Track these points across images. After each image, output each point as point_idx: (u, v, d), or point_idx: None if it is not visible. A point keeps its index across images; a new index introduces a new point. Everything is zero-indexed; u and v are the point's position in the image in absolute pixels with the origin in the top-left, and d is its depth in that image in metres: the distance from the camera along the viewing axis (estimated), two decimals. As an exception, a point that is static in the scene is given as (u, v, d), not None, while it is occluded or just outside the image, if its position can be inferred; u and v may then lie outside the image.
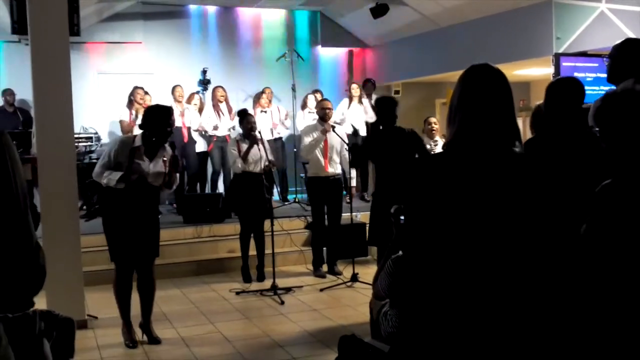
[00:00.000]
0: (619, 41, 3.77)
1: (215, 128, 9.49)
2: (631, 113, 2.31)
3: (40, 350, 2.43)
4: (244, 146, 7.04)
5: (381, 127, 6.30)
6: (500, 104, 2.16)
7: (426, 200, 2.14)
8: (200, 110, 9.78)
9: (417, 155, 5.94)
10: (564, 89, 3.35)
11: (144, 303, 5.21)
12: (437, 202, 2.11)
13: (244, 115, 7.21)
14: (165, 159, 5.04)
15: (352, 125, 9.01)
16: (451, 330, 2.08)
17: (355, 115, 9.95)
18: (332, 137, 7.32)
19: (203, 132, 9.62)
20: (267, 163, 6.98)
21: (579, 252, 2.28)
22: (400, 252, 2.90)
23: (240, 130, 7.21)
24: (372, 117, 10.19)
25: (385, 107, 6.19)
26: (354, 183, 7.58)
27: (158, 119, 4.98)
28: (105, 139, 10.18)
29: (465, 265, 2.08)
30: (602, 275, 2.20)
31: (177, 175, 5.27)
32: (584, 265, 2.26)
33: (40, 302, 4.78)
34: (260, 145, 7.02)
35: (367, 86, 10.42)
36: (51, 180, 5.50)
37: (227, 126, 9.64)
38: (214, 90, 9.81)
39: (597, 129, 2.48)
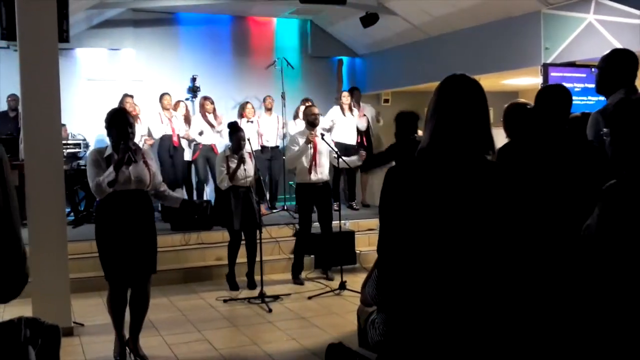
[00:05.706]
0: (606, 52, 3.80)
1: (201, 134, 9.47)
2: None
3: (26, 358, 2.41)
4: (234, 161, 6.96)
5: (397, 140, 6.61)
6: (474, 113, 2.19)
7: (397, 206, 2.17)
8: (186, 118, 9.75)
9: None
10: (554, 96, 3.40)
11: (134, 319, 4.95)
12: (408, 208, 2.14)
13: (234, 130, 7.09)
14: (145, 160, 4.87)
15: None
16: (423, 334, 2.11)
17: (346, 124, 10.02)
18: (321, 143, 7.33)
19: (189, 140, 9.58)
20: (255, 177, 6.98)
21: (582, 250, 2.30)
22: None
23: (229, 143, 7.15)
24: (363, 125, 10.28)
25: (404, 121, 6.64)
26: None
27: (119, 120, 4.85)
28: (92, 146, 10.13)
29: (434, 271, 2.10)
30: (609, 275, 2.21)
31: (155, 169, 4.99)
32: (590, 264, 2.28)
33: (26, 309, 4.78)
34: (249, 160, 7.01)
35: (355, 94, 10.54)
36: (38, 187, 5.46)
37: (214, 136, 9.59)
38: (202, 100, 9.78)
39: (605, 130, 2.50)
